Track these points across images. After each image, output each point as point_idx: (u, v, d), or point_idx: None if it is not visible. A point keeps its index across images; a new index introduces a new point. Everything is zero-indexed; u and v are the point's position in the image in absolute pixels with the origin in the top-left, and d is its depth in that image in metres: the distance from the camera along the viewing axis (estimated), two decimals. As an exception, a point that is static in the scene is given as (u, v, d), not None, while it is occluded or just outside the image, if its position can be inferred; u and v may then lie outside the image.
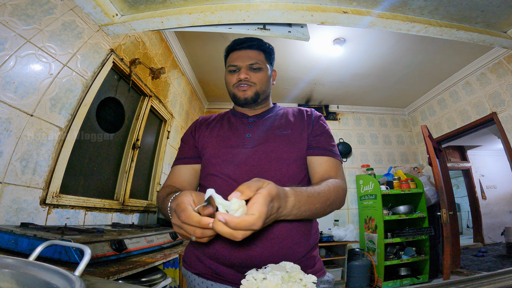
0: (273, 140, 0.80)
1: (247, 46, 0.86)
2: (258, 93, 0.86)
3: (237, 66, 0.85)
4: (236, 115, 0.92)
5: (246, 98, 0.85)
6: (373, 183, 3.38)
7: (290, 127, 0.84)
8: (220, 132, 0.87)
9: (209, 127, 0.90)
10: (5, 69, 1.10)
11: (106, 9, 1.56)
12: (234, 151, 0.79)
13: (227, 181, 0.76)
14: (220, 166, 0.78)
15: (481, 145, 5.65)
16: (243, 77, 0.84)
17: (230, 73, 0.87)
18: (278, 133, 0.82)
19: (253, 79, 0.85)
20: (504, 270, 0.52)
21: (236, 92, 0.86)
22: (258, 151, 0.78)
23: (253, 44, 0.87)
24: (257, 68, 0.85)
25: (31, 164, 1.22)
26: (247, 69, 0.85)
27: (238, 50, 0.87)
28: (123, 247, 1.06)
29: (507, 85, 2.71)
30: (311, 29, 1.91)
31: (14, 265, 0.40)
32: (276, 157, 0.77)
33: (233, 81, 0.86)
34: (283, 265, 0.49)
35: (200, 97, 3.79)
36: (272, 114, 0.91)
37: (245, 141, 0.81)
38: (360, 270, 3.05)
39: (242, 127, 0.86)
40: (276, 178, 0.74)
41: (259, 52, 0.87)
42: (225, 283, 0.70)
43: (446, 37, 1.78)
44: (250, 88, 0.85)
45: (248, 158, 0.77)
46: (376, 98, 4.01)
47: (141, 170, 2.32)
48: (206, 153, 0.83)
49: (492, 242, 5.30)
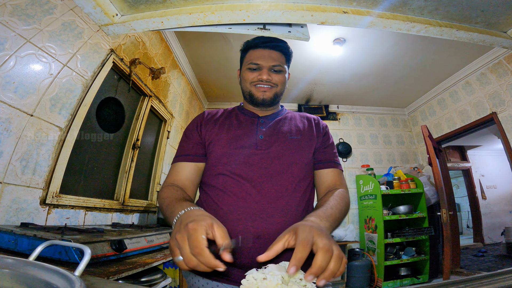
0: (286, 144, 0.81)
1: (272, 46, 0.85)
2: (277, 95, 0.86)
3: (259, 65, 0.83)
4: (245, 113, 0.90)
5: (265, 99, 0.85)
6: (373, 183, 3.38)
7: (300, 133, 0.86)
8: (230, 130, 0.84)
9: (218, 124, 0.87)
10: (5, 69, 1.10)
11: (106, 9, 1.56)
12: (246, 151, 0.78)
13: (238, 181, 0.75)
14: (231, 166, 0.77)
15: (481, 145, 5.65)
16: (265, 78, 0.83)
17: (250, 70, 0.85)
18: (289, 137, 0.83)
19: (275, 80, 0.84)
20: (504, 270, 0.52)
21: (254, 91, 0.85)
22: (271, 153, 0.78)
23: (278, 45, 0.86)
24: (278, 70, 0.84)
25: (31, 164, 1.22)
26: (269, 70, 0.84)
27: (262, 48, 0.85)
28: (123, 247, 1.06)
29: (507, 85, 2.71)
30: (311, 29, 1.91)
31: (14, 265, 0.40)
32: (288, 160, 0.78)
33: (251, 79, 0.85)
34: (284, 265, 0.49)
35: (200, 97, 3.79)
36: (281, 117, 0.91)
37: (258, 142, 0.80)
38: (360, 270, 3.05)
39: (253, 128, 0.85)
40: (288, 181, 0.76)
41: (281, 55, 0.86)
42: (231, 283, 0.71)
43: (446, 37, 1.78)
44: (270, 89, 0.85)
45: (261, 160, 0.77)
46: (376, 98, 4.01)
47: (141, 170, 2.32)
48: (216, 151, 0.81)
49: (492, 242, 5.30)
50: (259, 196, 0.73)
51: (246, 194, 0.73)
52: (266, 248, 0.69)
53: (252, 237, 0.69)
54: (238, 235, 0.69)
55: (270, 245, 0.69)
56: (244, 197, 0.73)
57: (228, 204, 0.73)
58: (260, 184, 0.74)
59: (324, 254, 0.45)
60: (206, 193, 0.80)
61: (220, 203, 0.74)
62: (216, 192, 0.76)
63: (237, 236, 0.49)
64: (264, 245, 0.69)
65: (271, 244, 0.69)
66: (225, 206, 0.73)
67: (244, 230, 0.69)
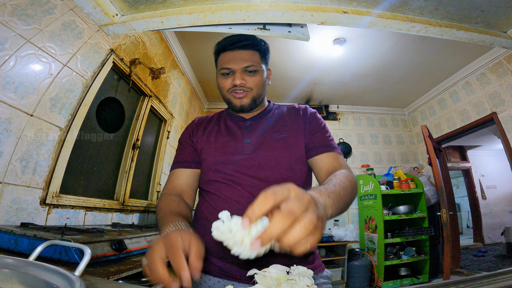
0: (272, 145, 0.80)
1: (240, 46, 0.79)
2: (255, 98, 0.82)
3: (231, 69, 0.79)
4: (232, 118, 0.90)
5: (243, 106, 0.82)
6: (373, 183, 3.38)
7: (287, 129, 0.83)
8: (218, 137, 0.85)
9: (206, 132, 0.88)
10: (5, 69, 1.10)
11: (106, 9, 1.56)
12: (234, 157, 0.79)
13: (231, 186, 0.76)
14: (222, 173, 0.78)
15: (481, 145, 5.65)
16: (238, 83, 0.78)
17: (223, 76, 0.81)
18: (275, 137, 0.82)
19: (249, 83, 0.80)
20: (504, 270, 0.52)
21: (231, 98, 0.82)
22: (258, 156, 0.78)
23: (247, 43, 0.80)
24: (253, 71, 0.79)
25: (31, 164, 1.22)
26: (242, 73, 0.79)
27: (231, 50, 0.80)
28: (123, 247, 1.06)
29: (507, 85, 2.71)
30: (311, 29, 1.91)
31: (14, 265, 0.40)
32: (275, 161, 0.77)
33: (227, 86, 0.81)
34: (295, 269, 0.48)
35: (200, 97, 3.79)
36: (268, 115, 0.89)
37: (244, 147, 0.80)
38: (360, 270, 3.05)
39: (239, 132, 0.84)
40: (278, 181, 0.74)
41: (254, 52, 0.81)
42: (231, 279, 0.72)
43: (446, 37, 1.78)
44: (246, 94, 0.80)
45: (249, 164, 0.77)
46: (376, 98, 4.01)
47: (141, 170, 2.32)
48: (207, 159, 0.82)
49: (492, 242, 5.30)
50: (252, 198, 0.72)
51: (239, 197, 0.74)
52: None
53: None
54: None
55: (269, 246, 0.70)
56: (237, 200, 0.74)
57: (223, 208, 0.74)
58: (251, 187, 0.75)
59: (282, 217, 0.34)
60: (203, 197, 0.83)
61: (216, 207, 0.76)
62: (211, 196, 0.79)
63: None
64: None
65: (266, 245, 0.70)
66: (221, 209, 0.74)
67: None
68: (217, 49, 0.84)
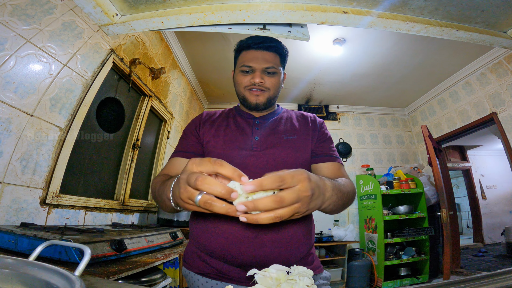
0: (280, 145, 0.81)
1: (265, 47, 0.82)
2: (271, 99, 0.85)
3: (252, 68, 0.81)
4: (242, 115, 0.91)
5: (258, 104, 0.84)
6: (373, 183, 3.38)
7: (296, 132, 0.85)
8: (227, 131, 0.85)
9: (215, 125, 0.88)
10: (5, 69, 1.10)
11: (106, 9, 1.56)
12: (242, 153, 0.79)
13: None
14: None
15: (481, 145, 5.65)
16: (258, 81, 0.80)
17: (243, 73, 0.83)
18: (284, 138, 0.83)
19: (268, 84, 0.82)
20: (504, 270, 0.52)
21: (247, 95, 0.84)
22: (266, 154, 0.79)
23: (272, 45, 0.83)
24: (272, 72, 0.82)
25: (31, 164, 1.22)
26: (262, 72, 0.81)
27: (254, 49, 0.82)
28: (123, 247, 1.06)
29: (507, 85, 2.71)
30: (311, 29, 1.91)
31: (14, 265, 0.40)
32: (283, 161, 0.78)
33: (244, 83, 0.83)
34: (295, 269, 0.48)
35: (200, 97, 3.79)
36: (277, 116, 0.90)
37: (253, 143, 0.81)
38: (360, 270, 3.05)
39: (248, 128, 0.85)
40: None
41: (276, 55, 0.84)
42: (230, 282, 0.71)
43: (446, 37, 1.78)
44: (263, 93, 0.83)
45: (256, 161, 0.78)
46: (376, 98, 4.01)
47: (141, 170, 2.32)
48: (212, 152, 0.82)
49: (492, 242, 5.30)
50: None
51: None
52: (264, 248, 0.70)
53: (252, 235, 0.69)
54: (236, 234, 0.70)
55: (268, 246, 0.70)
56: None
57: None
58: None
59: (276, 177, 0.41)
60: None
61: None
62: None
63: None
64: (262, 245, 0.69)
65: (269, 243, 0.70)
66: None
67: (241, 229, 0.70)
68: (240, 47, 0.87)
